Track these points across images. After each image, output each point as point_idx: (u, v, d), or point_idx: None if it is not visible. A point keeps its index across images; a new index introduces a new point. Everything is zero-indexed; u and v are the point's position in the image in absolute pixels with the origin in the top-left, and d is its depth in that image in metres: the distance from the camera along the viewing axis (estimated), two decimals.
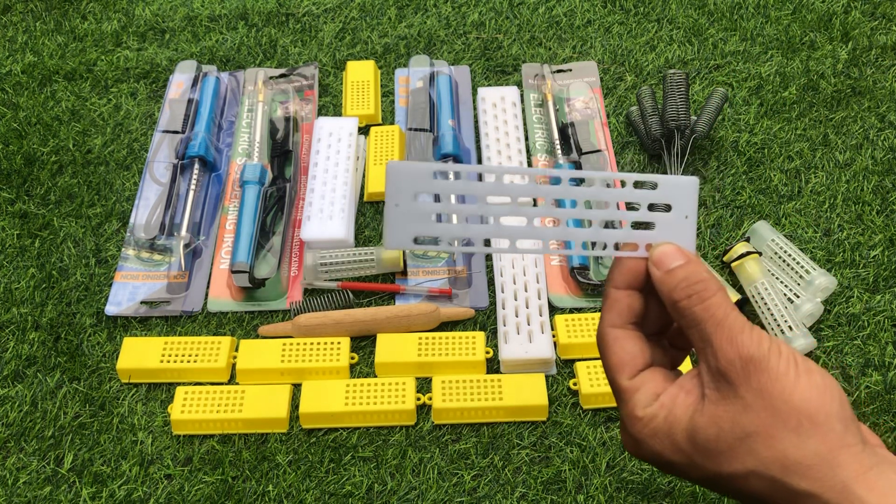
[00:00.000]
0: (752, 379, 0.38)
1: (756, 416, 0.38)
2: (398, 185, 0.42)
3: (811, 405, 0.38)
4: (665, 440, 0.40)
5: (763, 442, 0.38)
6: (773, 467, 0.38)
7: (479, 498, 0.64)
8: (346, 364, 0.70)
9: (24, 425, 0.68)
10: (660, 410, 0.41)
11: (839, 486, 0.37)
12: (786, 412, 0.38)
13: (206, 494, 0.64)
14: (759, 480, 0.38)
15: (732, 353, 0.39)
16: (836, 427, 0.38)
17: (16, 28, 1.01)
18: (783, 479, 0.38)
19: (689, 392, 0.41)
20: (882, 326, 0.72)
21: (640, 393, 0.41)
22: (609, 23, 0.99)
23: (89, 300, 0.76)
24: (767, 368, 0.38)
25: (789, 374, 0.38)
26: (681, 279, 0.41)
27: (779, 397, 0.38)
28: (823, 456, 0.37)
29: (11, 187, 0.85)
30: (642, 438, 0.41)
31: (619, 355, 0.42)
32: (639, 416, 0.41)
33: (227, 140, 0.89)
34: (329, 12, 1.01)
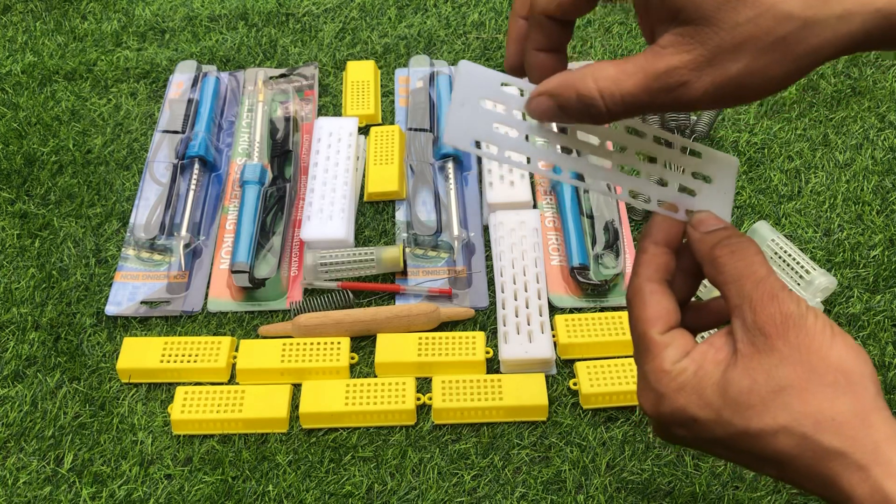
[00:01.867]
0: (791, 333, 0.38)
1: (792, 370, 0.38)
2: (467, 86, 0.42)
3: (847, 364, 0.38)
4: (692, 395, 0.40)
5: (798, 395, 0.37)
6: (806, 422, 0.37)
7: (479, 498, 0.64)
8: (346, 364, 0.70)
9: (24, 425, 0.68)
10: (690, 365, 0.40)
11: (871, 445, 0.36)
12: (822, 368, 0.37)
13: (206, 494, 0.64)
14: (789, 437, 0.38)
15: (773, 308, 0.38)
16: (870, 388, 0.38)
17: (16, 28, 1.01)
18: (814, 436, 0.37)
19: (720, 349, 0.40)
20: (882, 326, 0.72)
21: (671, 348, 0.41)
22: (609, 23, 0.99)
23: (89, 300, 0.76)
24: (805, 325, 0.38)
25: (826, 332, 0.38)
26: (722, 236, 0.41)
27: (816, 353, 0.38)
28: (857, 414, 0.37)
29: (11, 187, 0.85)
30: (667, 393, 0.40)
31: (654, 308, 0.42)
32: (667, 370, 0.40)
33: (227, 140, 0.89)
34: (329, 12, 1.01)
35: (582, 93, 0.39)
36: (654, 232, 0.43)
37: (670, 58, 0.37)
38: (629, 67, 0.38)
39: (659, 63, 0.38)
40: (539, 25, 0.42)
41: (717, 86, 0.37)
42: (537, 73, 0.43)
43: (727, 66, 0.37)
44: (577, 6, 0.41)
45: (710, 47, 0.37)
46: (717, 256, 0.41)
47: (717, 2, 0.36)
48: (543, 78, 0.41)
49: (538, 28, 0.42)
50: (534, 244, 0.76)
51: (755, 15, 0.36)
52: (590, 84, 0.39)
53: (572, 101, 0.40)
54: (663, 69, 0.37)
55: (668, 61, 0.37)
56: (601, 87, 0.39)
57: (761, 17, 0.36)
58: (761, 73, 0.37)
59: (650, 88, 0.38)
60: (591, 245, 0.78)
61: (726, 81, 0.37)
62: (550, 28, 0.42)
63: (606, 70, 0.39)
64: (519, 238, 0.76)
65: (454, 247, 0.78)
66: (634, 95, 0.38)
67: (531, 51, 0.42)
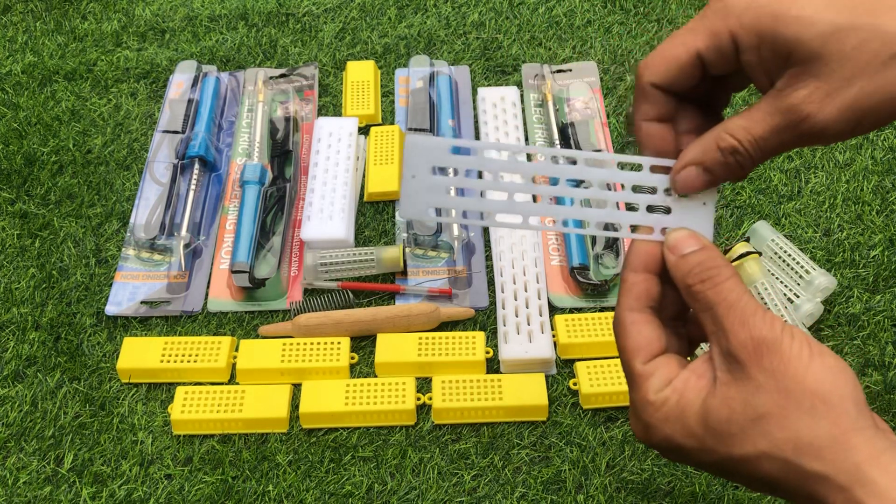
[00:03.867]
0: (765, 360, 0.38)
1: (768, 398, 0.38)
2: (416, 158, 0.43)
3: (824, 387, 0.38)
4: (676, 424, 0.40)
5: (776, 423, 0.38)
6: (786, 448, 0.37)
7: (479, 498, 0.64)
8: (346, 364, 0.70)
9: (24, 425, 0.68)
10: (672, 395, 0.40)
11: (852, 467, 0.37)
12: (798, 393, 0.37)
13: (206, 494, 0.64)
14: (771, 463, 0.38)
15: (744, 334, 0.39)
16: (849, 409, 0.37)
17: (16, 28, 1.01)
18: (795, 461, 0.37)
19: (701, 376, 0.40)
20: (882, 326, 0.72)
21: (654, 378, 0.41)
22: (609, 23, 0.99)
23: (89, 300, 0.76)
24: (780, 350, 0.38)
25: (802, 356, 0.38)
26: (695, 264, 0.41)
27: (791, 379, 0.38)
28: (836, 438, 0.37)
29: (11, 187, 0.85)
30: (653, 423, 0.41)
31: (635, 339, 0.42)
32: (651, 401, 0.41)
33: (227, 140, 0.89)
34: (329, 12, 1.01)
35: (724, 148, 0.41)
36: (631, 260, 0.44)
37: (790, 96, 0.39)
38: (755, 114, 0.40)
39: (781, 103, 0.39)
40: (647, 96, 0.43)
41: (841, 112, 0.38)
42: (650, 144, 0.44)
43: (845, 93, 0.38)
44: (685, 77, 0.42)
45: (825, 79, 0.38)
46: (688, 286, 0.41)
47: (822, 36, 0.38)
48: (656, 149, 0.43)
49: (646, 98, 0.43)
50: (534, 244, 0.76)
51: (861, 41, 0.38)
52: (728, 138, 0.41)
53: (718, 159, 0.41)
54: (785, 108, 0.39)
55: (789, 100, 0.39)
56: (738, 137, 0.41)
57: (868, 41, 0.38)
58: (881, 93, 0.38)
59: (778, 128, 0.40)
60: (591, 245, 0.78)
61: (847, 107, 0.38)
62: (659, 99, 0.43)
63: (735, 122, 0.41)
64: (519, 238, 0.76)
65: (454, 247, 0.78)
66: (766, 139, 0.40)
67: (641, 122, 0.43)
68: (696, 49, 0.41)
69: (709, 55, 0.41)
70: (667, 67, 0.42)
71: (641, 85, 0.43)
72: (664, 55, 0.42)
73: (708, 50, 0.41)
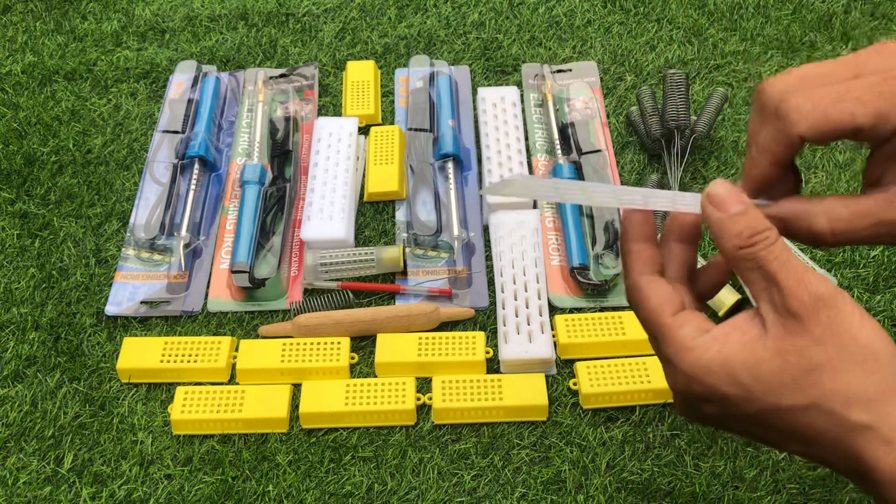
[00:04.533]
0: (822, 314, 0.39)
1: (824, 350, 0.39)
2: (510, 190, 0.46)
3: (876, 344, 0.39)
4: (721, 372, 0.40)
5: (830, 374, 0.39)
6: (836, 399, 0.39)
7: (479, 498, 0.64)
8: (346, 364, 0.70)
9: (24, 425, 0.68)
10: (713, 343, 0.41)
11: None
12: (853, 347, 0.39)
13: (206, 494, 0.64)
14: (818, 414, 0.39)
15: (801, 290, 0.39)
16: None
17: (16, 28, 1.01)
18: (843, 412, 0.38)
19: (745, 331, 0.41)
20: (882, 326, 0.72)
21: (686, 327, 0.42)
22: (609, 23, 0.99)
23: (89, 300, 0.76)
24: (836, 306, 0.39)
25: (855, 314, 0.39)
26: (744, 226, 0.41)
27: (847, 333, 0.39)
28: (885, 392, 0.38)
29: (11, 187, 0.85)
30: (694, 373, 0.41)
31: (656, 296, 0.43)
32: (690, 346, 0.41)
33: (227, 140, 0.89)
34: (329, 12, 1.01)
35: (815, 229, 0.42)
36: (629, 231, 0.45)
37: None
38: (862, 210, 0.41)
39: (891, 213, 0.41)
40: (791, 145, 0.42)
41: None
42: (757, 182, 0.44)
43: None
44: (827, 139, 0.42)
45: None
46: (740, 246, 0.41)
47: None
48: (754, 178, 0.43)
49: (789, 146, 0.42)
50: (534, 244, 0.76)
51: None
52: (822, 222, 0.42)
53: (803, 230, 0.42)
54: (894, 219, 0.41)
55: None
56: (834, 227, 0.42)
57: None
58: None
59: (878, 233, 0.41)
60: (591, 245, 0.78)
61: None
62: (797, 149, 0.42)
63: (840, 211, 0.41)
64: (519, 238, 0.76)
65: (454, 247, 0.78)
66: (861, 237, 0.42)
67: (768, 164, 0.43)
68: (861, 124, 0.40)
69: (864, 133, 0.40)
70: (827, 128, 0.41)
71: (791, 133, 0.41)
72: (827, 115, 0.40)
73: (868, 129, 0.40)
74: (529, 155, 0.86)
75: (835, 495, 0.63)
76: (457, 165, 0.84)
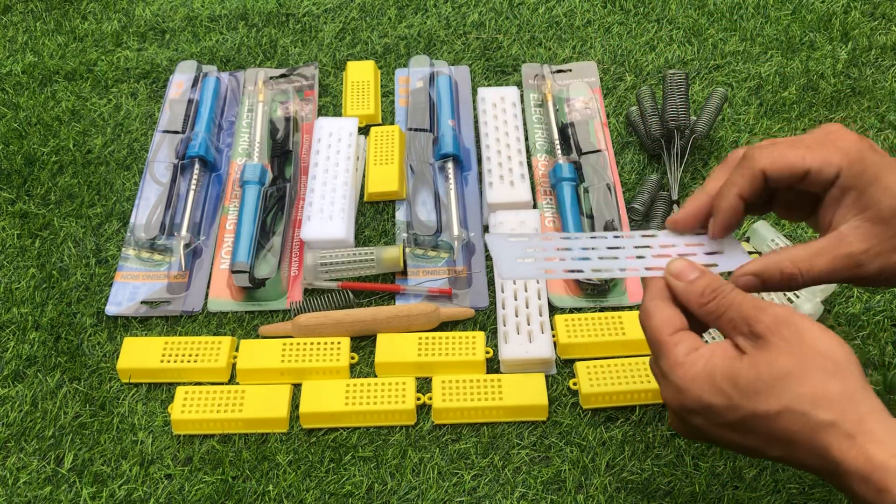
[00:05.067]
0: (783, 331, 0.46)
1: (789, 360, 0.45)
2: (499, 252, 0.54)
3: (833, 352, 0.45)
4: (706, 384, 0.47)
5: (797, 379, 0.45)
6: (804, 401, 0.44)
7: (479, 498, 0.64)
8: (346, 364, 0.70)
9: (24, 425, 0.68)
10: (699, 359, 0.47)
11: (857, 417, 0.43)
12: (814, 356, 0.45)
13: (206, 494, 0.64)
14: (790, 416, 0.45)
15: (763, 315, 0.47)
16: (854, 372, 0.45)
17: (16, 28, 1.01)
18: (811, 412, 0.44)
19: (727, 349, 0.48)
20: (882, 326, 0.72)
21: (681, 345, 0.48)
22: (609, 23, 0.99)
23: (89, 300, 0.76)
24: (795, 323, 0.46)
25: (814, 328, 0.46)
26: (704, 286, 0.49)
27: (808, 345, 0.45)
28: (844, 392, 0.44)
29: (12, 187, 0.85)
30: (685, 385, 0.47)
31: (659, 317, 0.50)
32: (680, 362, 0.48)
33: (228, 140, 0.89)
34: (329, 12, 1.01)
35: (785, 272, 0.50)
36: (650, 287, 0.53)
37: (851, 246, 0.49)
38: (816, 250, 0.50)
39: (842, 249, 0.49)
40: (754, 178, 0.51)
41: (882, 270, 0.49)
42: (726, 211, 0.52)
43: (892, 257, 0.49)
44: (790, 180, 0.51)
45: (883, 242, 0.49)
46: (703, 304, 0.49)
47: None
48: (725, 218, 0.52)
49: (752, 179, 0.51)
50: None
51: None
52: (788, 265, 0.50)
53: (775, 278, 0.50)
54: (845, 253, 0.49)
55: (850, 248, 0.49)
56: (800, 267, 0.50)
57: None
58: None
59: (835, 268, 0.49)
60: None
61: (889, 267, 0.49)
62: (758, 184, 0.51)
63: (799, 254, 0.50)
64: None
65: (454, 247, 0.78)
66: (822, 273, 0.50)
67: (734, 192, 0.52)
68: (809, 167, 0.50)
69: (814, 176, 0.50)
70: (782, 166, 0.50)
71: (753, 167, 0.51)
72: (784, 155, 0.50)
73: (816, 172, 0.50)
74: (529, 155, 0.86)
75: (834, 495, 0.63)
76: (457, 165, 0.84)
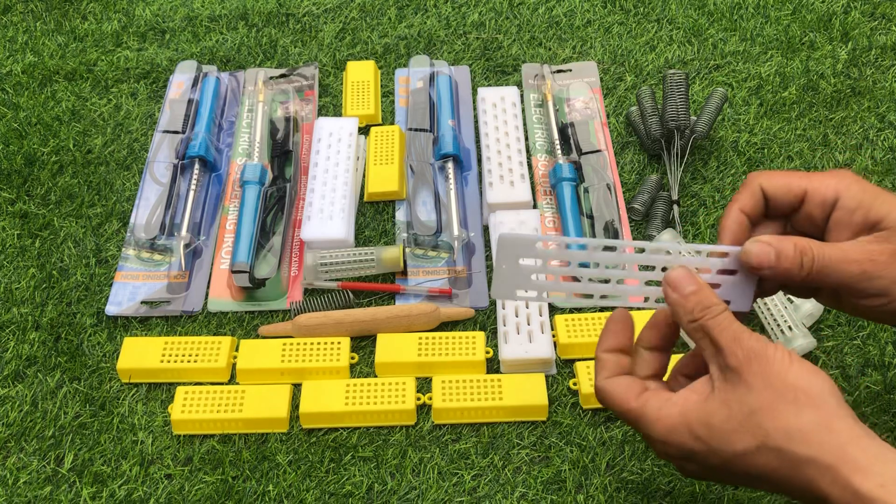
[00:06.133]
0: (754, 365, 0.45)
1: (759, 395, 0.44)
2: (505, 252, 0.52)
3: (804, 382, 0.44)
4: (684, 431, 0.47)
5: (767, 415, 0.44)
6: (778, 437, 0.43)
7: (479, 498, 0.64)
8: (346, 364, 0.70)
9: (24, 425, 0.68)
10: (674, 407, 0.48)
11: (836, 449, 0.42)
12: (782, 388, 0.44)
13: (206, 494, 0.64)
14: (768, 454, 0.44)
15: (737, 347, 0.46)
16: (829, 400, 0.44)
17: (16, 28, 1.01)
18: (787, 447, 0.43)
19: (700, 391, 0.48)
20: (882, 326, 0.72)
21: (650, 404, 0.49)
22: (609, 23, 0.99)
23: (89, 300, 0.76)
24: (766, 356, 0.45)
25: (784, 360, 0.45)
26: (696, 302, 0.49)
27: (776, 377, 0.44)
28: (820, 423, 0.43)
29: (11, 187, 0.85)
30: (665, 437, 0.48)
31: (618, 392, 0.50)
32: (655, 418, 0.48)
33: (228, 140, 0.89)
34: (329, 12, 1.01)
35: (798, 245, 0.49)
36: (602, 341, 0.53)
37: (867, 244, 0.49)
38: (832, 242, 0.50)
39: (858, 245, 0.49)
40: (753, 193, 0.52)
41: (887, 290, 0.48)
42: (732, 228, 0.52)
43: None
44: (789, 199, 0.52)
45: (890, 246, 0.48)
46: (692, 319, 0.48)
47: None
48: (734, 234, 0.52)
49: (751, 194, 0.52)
50: None
51: None
52: (802, 241, 0.49)
53: (789, 251, 0.49)
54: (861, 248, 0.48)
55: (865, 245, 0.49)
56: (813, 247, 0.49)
57: None
58: None
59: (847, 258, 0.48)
60: None
61: None
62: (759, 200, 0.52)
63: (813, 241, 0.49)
64: None
65: (454, 247, 0.78)
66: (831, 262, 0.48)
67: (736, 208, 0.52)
68: (807, 187, 0.51)
69: (813, 196, 0.51)
70: (780, 182, 0.51)
71: (751, 182, 0.52)
72: (782, 174, 0.52)
73: (814, 192, 0.51)
74: (529, 155, 0.86)
75: None
76: (457, 165, 0.84)
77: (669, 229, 0.77)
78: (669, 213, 0.79)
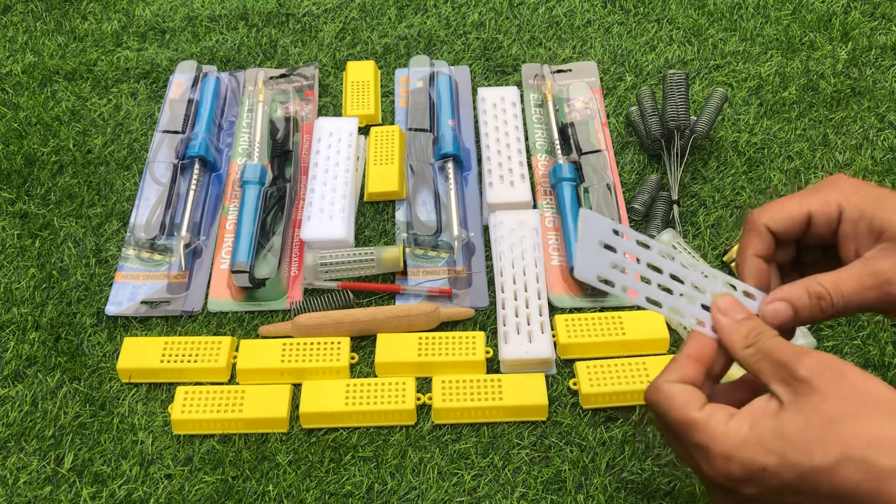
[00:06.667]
0: (827, 374, 0.44)
1: (837, 403, 0.43)
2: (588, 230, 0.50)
3: (885, 393, 0.43)
4: (756, 446, 0.44)
5: (850, 421, 0.42)
6: (861, 446, 0.41)
7: (479, 498, 0.64)
8: (346, 364, 0.70)
9: (24, 425, 0.68)
10: (742, 423, 0.45)
11: None
12: (864, 398, 0.43)
13: (206, 494, 0.64)
14: (849, 464, 0.41)
15: (805, 359, 0.45)
16: None
17: (16, 28, 1.01)
18: (871, 459, 0.41)
19: (766, 406, 0.45)
20: (882, 326, 0.72)
21: (715, 417, 0.46)
22: (609, 23, 0.99)
23: (89, 300, 0.76)
24: (838, 367, 0.44)
25: (858, 371, 0.44)
26: (750, 328, 0.48)
27: (852, 387, 0.43)
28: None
29: (12, 187, 0.85)
30: (733, 453, 0.44)
31: (681, 396, 0.47)
32: (724, 431, 0.45)
33: (228, 140, 0.89)
34: (329, 12, 1.02)
35: (812, 293, 0.48)
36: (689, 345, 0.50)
37: (878, 264, 0.48)
38: (844, 274, 0.48)
39: (869, 268, 0.48)
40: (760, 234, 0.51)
41: None
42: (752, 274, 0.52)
43: None
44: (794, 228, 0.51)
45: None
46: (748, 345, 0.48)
47: None
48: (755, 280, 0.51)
49: (759, 236, 0.51)
50: (534, 244, 0.76)
51: None
52: (817, 287, 0.48)
53: (805, 302, 0.48)
54: (872, 271, 0.48)
55: (876, 266, 0.48)
56: (827, 287, 0.48)
57: None
58: None
59: (863, 286, 0.48)
60: None
61: None
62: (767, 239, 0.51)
63: (826, 276, 0.49)
64: (519, 238, 0.76)
65: (454, 247, 0.78)
66: (851, 293, 0.48)
67: (750, 255, 0.51)
68: (808, 210, 0.50)
69: (817, 217, 0.50)
70: (783, 217, 0.50)
71: (757, 224, 0.51)
72: (782, 207, 0.51)
73: (818, 213, 0.50)
74: (529, 155, 0.86)
75: None
76: (457, 165, 0.84)
77: (669, 229, 0.77)
78: (669, 213, 0.79)
